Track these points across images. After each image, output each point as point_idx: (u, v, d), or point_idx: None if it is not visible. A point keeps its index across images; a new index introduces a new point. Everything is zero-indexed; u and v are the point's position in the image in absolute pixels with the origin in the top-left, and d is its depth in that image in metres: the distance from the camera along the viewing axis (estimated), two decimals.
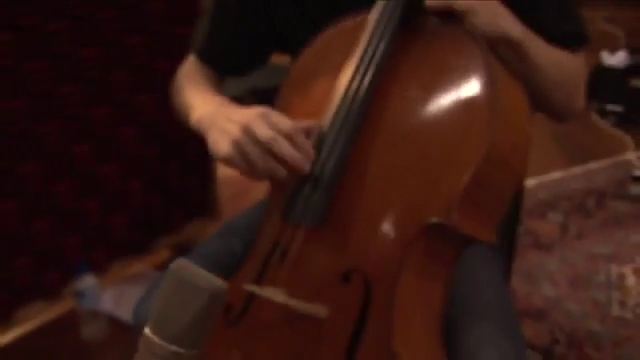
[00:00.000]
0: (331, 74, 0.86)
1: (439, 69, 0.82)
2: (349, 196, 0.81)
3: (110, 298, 1.81)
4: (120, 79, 1.65)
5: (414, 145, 0.80)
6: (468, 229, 0.77)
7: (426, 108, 0.81)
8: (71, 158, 1.61)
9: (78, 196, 1.66)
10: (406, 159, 0.80)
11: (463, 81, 0.79)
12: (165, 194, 1.87)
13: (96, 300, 1.72)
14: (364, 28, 0.85)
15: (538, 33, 0.89)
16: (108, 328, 1.73)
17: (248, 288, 0.83)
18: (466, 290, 0.92)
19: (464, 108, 0.79)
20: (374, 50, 0.83)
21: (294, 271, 0.83)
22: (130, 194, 1.78)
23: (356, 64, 0.84)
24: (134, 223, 1.81)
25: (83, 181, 1.66)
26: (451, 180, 0.76)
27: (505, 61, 0.83)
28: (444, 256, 0.82)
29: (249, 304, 0.85)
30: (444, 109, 0.80)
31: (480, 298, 0.94)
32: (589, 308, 1.86)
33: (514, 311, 0.99)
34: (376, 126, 0.82)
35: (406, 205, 0.79)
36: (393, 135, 0.82)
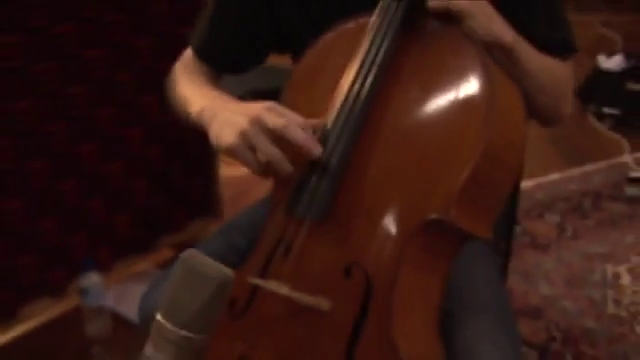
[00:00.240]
0: (334, 74, 0.89)
1: (438, 70, 0.85)
2: (351, 192, 0.84)
3: (114, 296, 1.83)
4: (125, 80, 1.68)
5: (414, 143, 0.83)
6: (466, 225, 0.80)
7: (425, 108, 0.84)
8: (77, 157, 1.64)
9: (83, 195, 1.68)
10: (406, 157, 0.83)
11: (461, 81, 0.82)
12: (168, 193, 1.90)
13: (100, 297, 1.73)
14: (366, 30, 0.88)
15: (529, 41, 0.93)
16: (112, 325, 1.76)
17: (252, 281, 0.86)
18: (463, 286, 0.95)
19: (462, 108, 0.82)
20: (376, 52, 0.86)
21: (297, 265, 0.85)
22: (134, 193, 1.80)
23: (358, 65, 0.86)
24: (138, 222, 1.83)
25: (88, 180, 1.68)
26: (450, 177, 0.79)
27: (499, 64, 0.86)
28: (442, 251, 0.85)
29: (253, 298, 0.88)
30: (443, 109, 0.83)
31: (477, 294, 0.97)
32: (585, 306, 1.89)
33: (510, 307, 1.02)
34: (377, 125, 0.85)
35: (406, 201, 0.82)
36: (394, 134, 0.85)
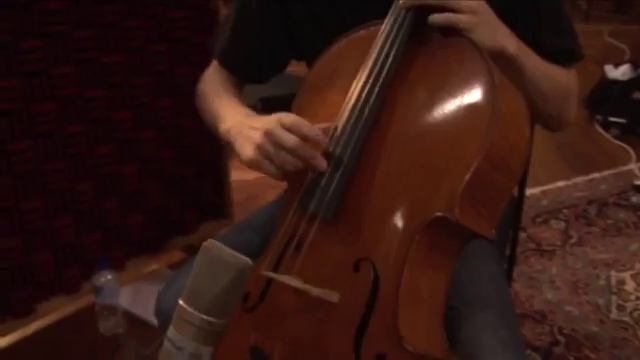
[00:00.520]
0: (345, 79, 0.93)
1: (443, 76, 0.89)
2: (361, 191, 0.88)
3: (126, 295, 1.86)
4: (142, 84, 1.71)
5: (420, 145, 0.87)
6: (469, 223, 0.84)
7: (431, 112, 0.87)
8: (94, 159, 1.67)
9: (99, 195, 1.71)
10: (413, 158, 0.87)
11: (465, 87, 0.86)
12: (181, 196, 1.93)
13: (114, 296, 1.76)
14: (376, 38, 0.92)
15: (535, 48, 0.96)
16: (124, 323, 1.80)
17: (266, 274, 0.90)
18: (468, 283, 0.98)
19: (466, 112, 0.85)
20: (385, 58, 0.90)
21: (309, 260, 0.89)
22: (148, 195, 1.83)
23: (368, 71, 0.91)
24: (151, 223, 1.86)
25: (104, 181, 1.71)
26: (454, 177, 0.83)
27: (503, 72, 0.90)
28: (447, 249, 0.88)
29: (266, 291, 0.92)
30: (448, 113, 0.86)
31: (480, 290, 1.00)
32: (588, 311, 1.91)
33: (512, 305, 1.06)
34: (386, 128, 0.89)
35: (413, 200, 0.86)
36: (401, 136, 0.89)
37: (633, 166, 2.82)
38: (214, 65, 1.20)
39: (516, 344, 0.95)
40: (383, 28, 0.92)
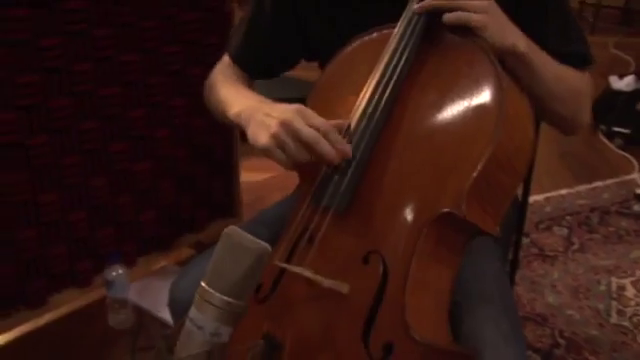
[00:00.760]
0: (358, 80, 0.97)
1: (453, 78, 0.93)
2: (372, 186, 0.92)
3: (136, 290, 1.89)
4: (156, 83, 1.74)
5: (430, 143, 0.91)
6: (475, 219, 0.87)
7: (441, 111, 0.91)
8: (108, 155, 1.70)
9: (113, 191, 1.74)
10: (423, 155, 0.91)
11: (474, 89, 0.90)
12: (192, 194, 1.95)
13: (125, 290, 1.79)
14: (389, 40, 0.96)
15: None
16: (134, 317, 1.83)
17: (279, 264, 0.94)
18: (472, 279, 1.01)
19: (474, 113, 0.89)
20: (398, 60, 0.94)
21: (320, 252, 0.93)
22: (160, 192, 1.86)
23: (381, 72, 0.95)
24: (163, 219, 1.89)
25: (118, 177, 1.74)
26: (462, 175, 0.86)
27: (512, 72, 0.94)
28: (453, 244, 0.92)
29: (278, 282, 0.95)
30: (457, 113, 0.90)
31: (484, 287, 1.03)
32: (589, 315, 1.94)
33: (514, 302, 1.09)
34: (397, 126, 0.93)
35: (422, 196, 0.90)
36: (411, 134, 0.93)
37: (636, 175, 2.86)
38: (225, 61, 1.24)
39: (518, 339, 0.97)
40: (396, 30, 0.96)
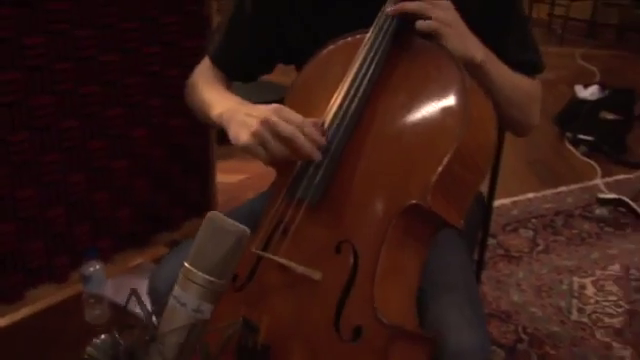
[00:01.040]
0: (332, 81, 1.03)
1: (422, 80, 0.99)
2: (344, 180, 0.98)
3: (112, 287, 1.92)
4: (135, 83, 1.78)
5: (399, 140, 0.97)
6: (440, 211, 0.93)
7: (410, 112, 0.97)
8: (87, 153, 1.73)
9: (90, 188, 1.77)
10: (392, 151, 0.97)
11: (441, 91, 0.96)
12: (168, 193, 1.99)
13: (101, 285, 1.82)
14: (361, 44, 1.02)
15: (502, 58, 1.07)
16: (110, 312, 1.86)
17: (256, 252, 0.99)
18: (438, 269, 1.07)
19: (441, 114, 0.96)
20: (370, 63, 1.00)
21: (294, 243, 0.98)
22: (137, 190, 1.89)
23: (354, 74, 1.00)
24: (138, 217, 1.92)
25: (96, 174, 1.77)
26: (428, 170, 0.92)
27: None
28: (420, 234, 0.98)
29: (255, 270, 1.00)
30: (425, 114, 0.97)
31: (449, 276, 1.09)
32: (551, 313, 2.02)
33: (477, 290, 1.15)
34: (369, 125, 0.99)
35: (390, 190, 0.95)
36: (382, 132, 0.98)
37: (598, 181, 2.97)
38: (205, 63, 1.29)
39: (480, 324, 1.03)
40: (369, 35, 1.02)
